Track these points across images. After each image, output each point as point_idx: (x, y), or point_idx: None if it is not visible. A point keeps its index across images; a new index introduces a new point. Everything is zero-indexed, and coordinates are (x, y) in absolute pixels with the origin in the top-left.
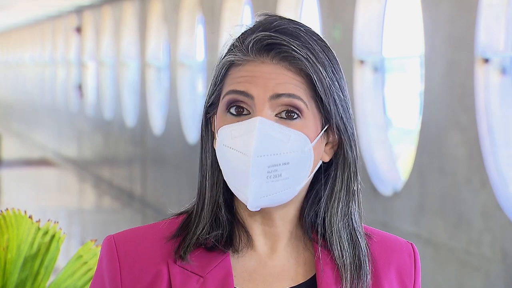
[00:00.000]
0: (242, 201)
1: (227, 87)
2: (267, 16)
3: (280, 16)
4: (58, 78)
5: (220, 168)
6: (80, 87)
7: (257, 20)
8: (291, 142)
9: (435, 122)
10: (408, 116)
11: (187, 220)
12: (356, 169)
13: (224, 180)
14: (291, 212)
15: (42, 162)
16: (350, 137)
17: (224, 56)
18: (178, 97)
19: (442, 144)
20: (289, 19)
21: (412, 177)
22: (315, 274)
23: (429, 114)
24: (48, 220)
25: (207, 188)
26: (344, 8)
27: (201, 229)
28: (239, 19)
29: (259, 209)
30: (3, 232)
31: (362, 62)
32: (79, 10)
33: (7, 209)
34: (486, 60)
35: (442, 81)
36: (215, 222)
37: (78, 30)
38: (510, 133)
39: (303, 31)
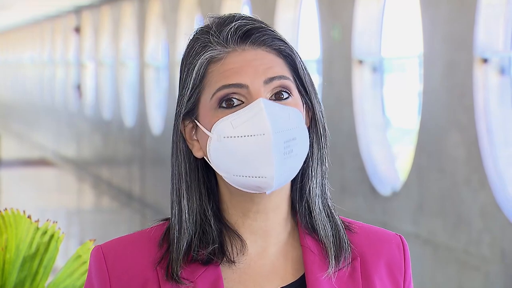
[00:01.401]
0: (259, 187)
1: (215, 85)
2: (213, 15)
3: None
4: (57, 78)
5: (199, 180)
6: (79, 87)
7: (210, 19)
8: (292, 118)
9: (434, 122)
10: (407, 116)
11: (169, 229)
12: (327, 146)
13: (206, 190)
14: (284, 200)
15: (41, 162)
16: (323, 114)
17: (198, 55)
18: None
19: (441, 144)
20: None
21: (411, 177)
22: (304, 273)
23: (428, 114)
24: (47, 220)
25: (183, 202)
26: (343, 8)
27: (185, 244)
28: None
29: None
30: (2, 232)
31: (361, 62)
32: (78, 10)
33: (5, 209)
34: (485, 60)
35: (441, 81)
36: (203, 235)
37: (77, 30)
38: (509, 133)
39: (260, 19)
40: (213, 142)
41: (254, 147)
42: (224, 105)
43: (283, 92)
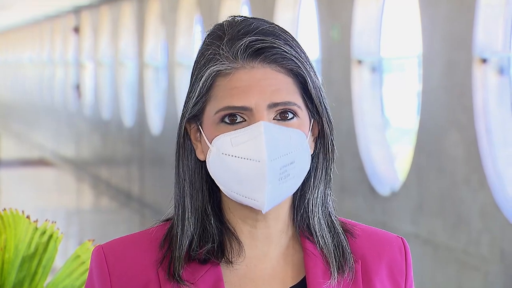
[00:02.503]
0: (254, 207)
1: (220, 102)
2: (234, 17)
3: (247, 17)
4: (56, 78)
5: (202, 179)
6: (78, 87)
7: (228, 23)
8: (293, 141)
9: (433, 122)
10: (406, 116)
11: (172, 229)
12: (334, 157)
13: (208, 190)
14: (285, 211)
15: (40, 162)
16: (332, 127)
17: (207, 65)
18: (176, 97)
19: (440, 144)
20: (257, 18)
21: (410, 177)
22: (305, 277)
23: (427, 114)
24: (46, 220)
25: (186, 201)
26: (342, 8)
27: (188, 243)
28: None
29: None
30: (1, 232)
31: (360, 62)
32: (77, 10)
33: (4, 209)
34: (484, 60)
35: (440, 81)
36: (203, 234)
37: (76, 30)
38: (508, 133)
39: (278, 29)
40: (212, 155)
41: (249, 170)
42: (227, 120)
43: (288, 112)
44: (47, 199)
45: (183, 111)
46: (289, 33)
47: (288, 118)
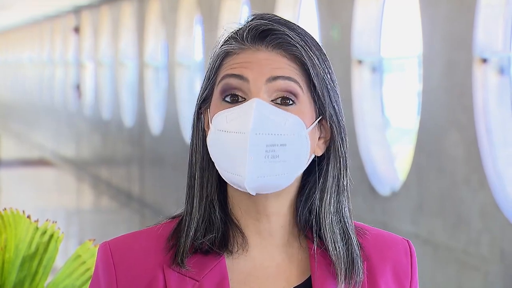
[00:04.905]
0: (238, 185)
1: (222, 74)
2: (260, 14)
3: (270, 13)
4: (56, 78)
5: (210, 168)
6: (78, 87)
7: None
8: (288, 125)
9: (433, 122)
10: (406, 116)
11: (180, 224)
12: (347, 163)
13: (217, 180)
14: (285, 207)
15: (41, 162)
16: (342, 130)
17: (217, 48)
18: (176, 97)
19: (440, 144)
20: (277, 15)
21: (411, 177)
22: (310, 276)
23: (427, 114)
24: (47, 220)
25: (196, 188)
26: (342, 8)
27: (193, 231)
28: (237, 19)
29: (254, 193)
30: (1, 231)
31: (360, 62)
32: (77, 10)
33: (5, 208)
34: (484, 60)
35: (440, 81)
36: (209, 223)
37: (76, 30)
38: (508, 133)
39: (296, 25)
40: (211, 134)
41: (235, 143)
42: (228, 99)
43: (289, 99)
44: (47, 199)
45: (198, 96)
46: (308, 34)
47: (289, 103)
